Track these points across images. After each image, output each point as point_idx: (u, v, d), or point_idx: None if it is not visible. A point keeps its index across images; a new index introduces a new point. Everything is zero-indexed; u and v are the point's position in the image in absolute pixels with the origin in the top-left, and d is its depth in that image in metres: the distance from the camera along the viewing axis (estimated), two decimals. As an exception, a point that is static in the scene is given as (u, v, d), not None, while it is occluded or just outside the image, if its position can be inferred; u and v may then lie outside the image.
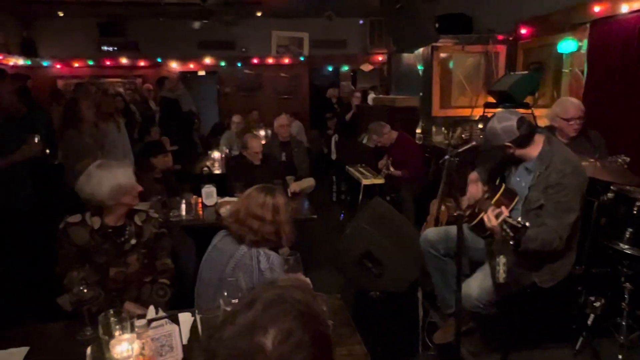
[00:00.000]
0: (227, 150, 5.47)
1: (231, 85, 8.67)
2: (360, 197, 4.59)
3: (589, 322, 2.45)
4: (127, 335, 1.38)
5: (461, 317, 2.12)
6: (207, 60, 8.34)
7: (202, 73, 8.75)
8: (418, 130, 5.38)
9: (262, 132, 6.00)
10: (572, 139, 2.94)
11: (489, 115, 4.38)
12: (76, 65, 8.08)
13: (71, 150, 3.65)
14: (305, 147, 5.42)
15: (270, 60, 8.54)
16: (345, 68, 9.55)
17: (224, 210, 3.07)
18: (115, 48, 8.05)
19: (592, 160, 2.64)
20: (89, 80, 7.51)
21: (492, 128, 2.26)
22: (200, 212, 3.43)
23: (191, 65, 8.43)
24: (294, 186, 3.95)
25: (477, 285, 2.26)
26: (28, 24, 7.80)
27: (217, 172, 4.91)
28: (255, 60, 8.50)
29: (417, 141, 5.15)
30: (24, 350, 1.57)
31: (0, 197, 3.15)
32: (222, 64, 8.45)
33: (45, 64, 7.97)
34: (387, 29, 7.22)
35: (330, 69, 9.81)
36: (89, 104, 3.79)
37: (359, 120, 6.52)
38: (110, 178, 2.11)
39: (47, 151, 3.33)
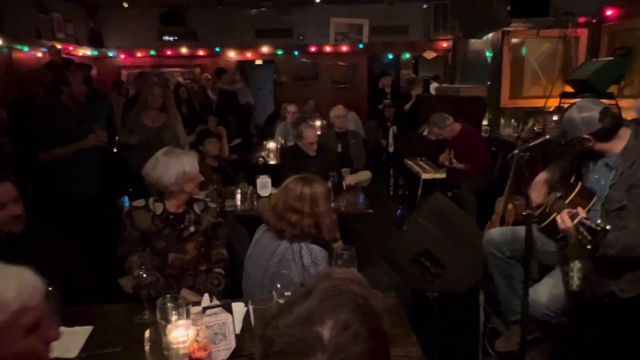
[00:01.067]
0: (283, 141, 5.56)
1: (287, 74, 8.78)
2: (419, 192, 4.51)
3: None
4: (183, 321, 1.45)
5: (527, 325, 2.03)
6: (264, 49, 8.49)
7: (259, 62, 8.93)
8: (484, 122, 5.18)
9: (317, 123, 6.03)
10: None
11: (566, 106, 4.13)
12: (139, 55, 8.53)
13: (135, 136, 3.89)
14: (362, 139, 5.39)
15: (327, 48, 8.54)
16: (407, 56, 9.35)
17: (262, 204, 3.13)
18: (176, 38, 8.40)
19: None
20: (151, 71, 7.92)
21: (571, 118, 2.12)
22: (255, 203, 3.52)
23: (248, 54, 8.62)
24: (350, 179, 3.95)
25: (546, 291, 2.15)
26: (95, 16, 8.33)
27: (272, 162, 5.02)
28: (312, 49, 8.54)
29: (483, 134, 4.96)
30: (88, 329, 1.70)
31: (69, 182, 3.42)
32: (279, 52, 8.56)
33: (110, 54, 8.49)
34: (453, 13, 6.99)
35: (390, 56, 9.65)
36: (152, 94, 4.00)
37: (419, 111, 6.38)
38: (177, 164, 2.22)
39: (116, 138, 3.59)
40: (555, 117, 4.04)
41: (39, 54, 6.56)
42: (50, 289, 1.67)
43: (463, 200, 4.24)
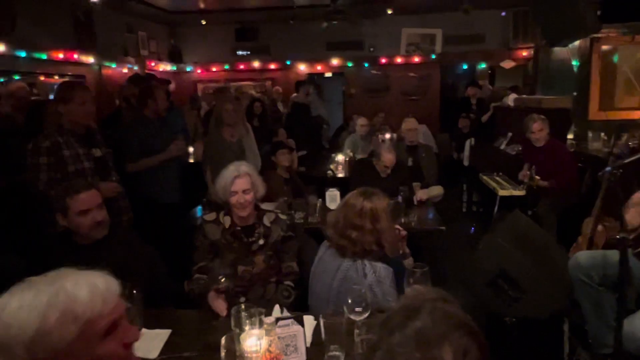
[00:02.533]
0: (351, 154, 5.59)
1: (357, 86, 8.85)
2: (496, 209, 4.33)
3: None
4: (256, 331, 1.51)
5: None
6: (334, 61, 8.64)
7: (328, 74, 9.08)
8: (570, 136, 4.90)
9: (387, 135, 6.01)
10: None
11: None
12: (214, 69, 9.02)
13: (212, 150, 4.11)
14: (433, 152, 5.30)
15: (398, 60, 8.51)
16: (483, 65, 9.07)
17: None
18: (249, 52, 8.80)
19: None
20: (227, 85, 8.33)
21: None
22: (324, 216, 3.56)
23: (318, 67, 8.82)
24: (421, 194, 3.89)
25: (644, 324, 1.98)
26: (175, 33, 8.94)
27: (341, 175, 5.06)
28: (383, 60, 8.55)
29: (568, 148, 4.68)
30: (167, 332, 1.81)
31: (153, 190, 3.69)
32: (349, 64, 8.66)
33: (187, 69, 9.05)
34: (534, 20, 6.68)
35: (464, 66, 9.41)
36: (231, 107, 4.21)
37: (496, 123, 6.16)
38: (223, 177, 2.36)
39: (190, 149, 3.82)
40: (654, 131, 3.74)
41: (125, 70, 7.15)
42: (134, 291, 1.82)
43: (542, 219, 4.00)
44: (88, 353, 1.01)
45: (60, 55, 5.78)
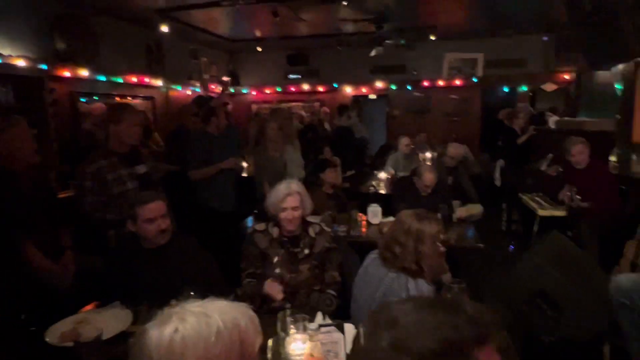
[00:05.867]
0: (393, 172, 5.56)
1: (400, 107, 8.81)
2: (535, 229, 4.16)
3: None
4: (300, 335, 1.54)
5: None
6: (379, 84, 8.66)
7: (372, 96, 9.11)
8: (612, 158, 4.64)
9: (428, 154, 5.95)
10: None
11: None
12: (267, 91, 9.27)
13: (260, 163, 4.24)
14: (473, 173, 5.18)
15: (440, 82, 8.42)
16: (524, 88, 8.80)
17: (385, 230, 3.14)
18: (300, 76, 8.99)
19: None
20: (280, 106, 8.53)
21: None
22: (364, 230, 3.56)
23: (363, 90, 8.86)
24: (460, 212, 3.81)
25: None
26: (234, 59, 9.29)
27: (383, 192, 5.04)
28: (425, 83, 8.49)
29: (611, 171, 4.44)
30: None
31: (211, 198, 3.85)
32: (393, 87, 8.66)
33: (244, 91, 9.36)
34: (576, 44, 6.44)
35: (506, 89, 9.16)
36: (275, 126, 4.34)
37: (536, 145, 5.94)
38: (275, 193, 2.42)
39: (244, 164, 3.98)
40: (702, 155, 3.48)
41: (189, 92, 7.49)
42: (192, 294, 1.89)
43: (583, 240, 3.80)
44: None
45: (134, 79, 6.15)
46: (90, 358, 1.50)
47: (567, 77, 7.52)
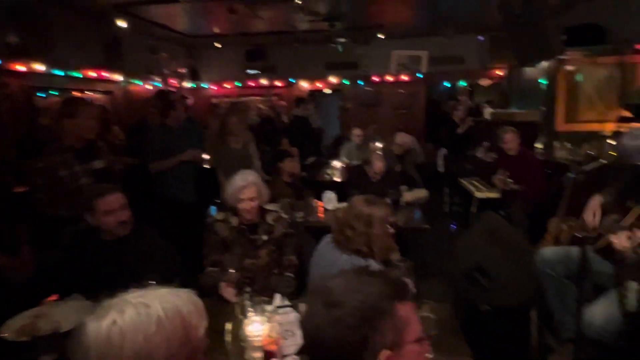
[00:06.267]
0: (347, 161, 5.59)
1: (352, 101, 8.85)
2: (473, 209, 4.32)
3: None
4: (258, 317, 1.51)
5: (581, 345, 1.87)
6: (333, 80, 8.65)
7: (327, 91, 9.09)
8: (538, 145, 4.89)
9: (378, 144, 6.01)
10: None
11: (624, 130, 3.79)
12: (227, 86, 9.02)
13: (221, 155, 4.12)
14: (418, 160, 5.29)
15: (389, 78, 8.52)
16: (463, 83, 9.08)
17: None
18: (258, 71, 8.79)
19: None
20: (239, 100, 8.34)
21: (625, 145, 1.97)
22: (322, 215, 3.56)
23: (318, 85, 8.82)
24: (408, 196, 3.88)
25: (601, 312, 1.97)
26: (193, 54, 8.95)
27: (337, 179, 5.05)
28: (375, 78, 8.56)
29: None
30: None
31: (171, 190, 3.70)
32: (346, 82, 8.67)
33: (204, 86, 9.06)
34: (507, 43, 6.68)
35: (447, 84, 9.42)
36: (235, 119, 4.22)
37: (472, 134, 6.15)
38: (233, 184, 2.35)
39: (206, 156, 3.84)
40: (612, 142, 3.72)
41: (149, 87, 7.16)
42: (153, 282, 1.81)
43: (514, 219, 4.00)
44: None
45: (92, 74, 5.79)
46: (48, 352, 1.40)
47: (500, 73, 7.82)
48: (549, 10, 3.98)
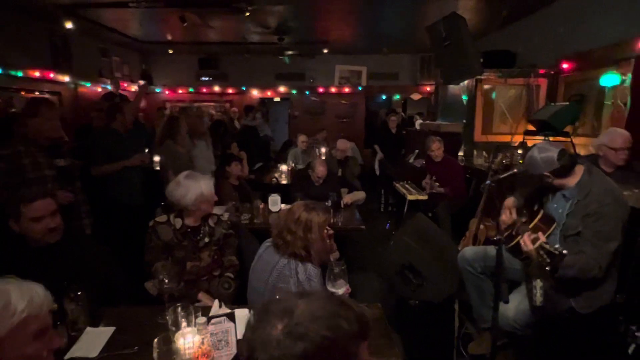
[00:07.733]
0: (293, 164, 5.46)
1: (300, 109, 8.76)
2: (405, 210, 4.37)
3: (630, 351, 2.09)
4: (190, 329, 1.33)
5: (497, 334, 1.88)
6: (282, 89, 8.50)
7: (277, 99, 8.92)
8: (460, 154, 5.05)
9: (323, 150, 5.95)
10: (617, 168, 2.57)
11: (529, 142, 4.00)
12: (180, 91, 8.55)
13: (168, 157, 3.81)
14: (358, 165, 5.28)
15: (333, 90, 8.53)
16: (397, 97, 9.32)
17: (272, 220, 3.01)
18: (210, 78, 8.43)
19: (636, 190, 2.28)
20: (190, 105, 7.91)
21: (533, 157, 2.00)
22: (266, 217, 3.40)
23: (268, 93, 8.63)
24: (347, 198, 3.83)
25: (513, 306, 2.00)
26: (146, 59, 8.39)
27: (284, 182, 4.91)
28: (320, 89, 8.52)
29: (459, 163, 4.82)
30: (110, 329, 1.57)
31: (118, 193, 3.35)
32: (294, 92, 8.56)
33: (157, 90, 8.52)
34: (435, 63, 6.91)
35: (384, 97, 9.62)
36: (184, 123, 3.93)
37: (404, 141, 6.27)
38: (196, 188, 2.13)
39: (156, 158, 3.52)
40: (520, 151, 3.91)
41: (99, 89, 6.58)
42: (79, 292, 1.57)
43: (440, 219, 4.09)
44: (18, 350, 0.97)
45: (37, 74, 5.19)
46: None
47: (428, 89, 8.08)
48: (470, 37, 4.12)
